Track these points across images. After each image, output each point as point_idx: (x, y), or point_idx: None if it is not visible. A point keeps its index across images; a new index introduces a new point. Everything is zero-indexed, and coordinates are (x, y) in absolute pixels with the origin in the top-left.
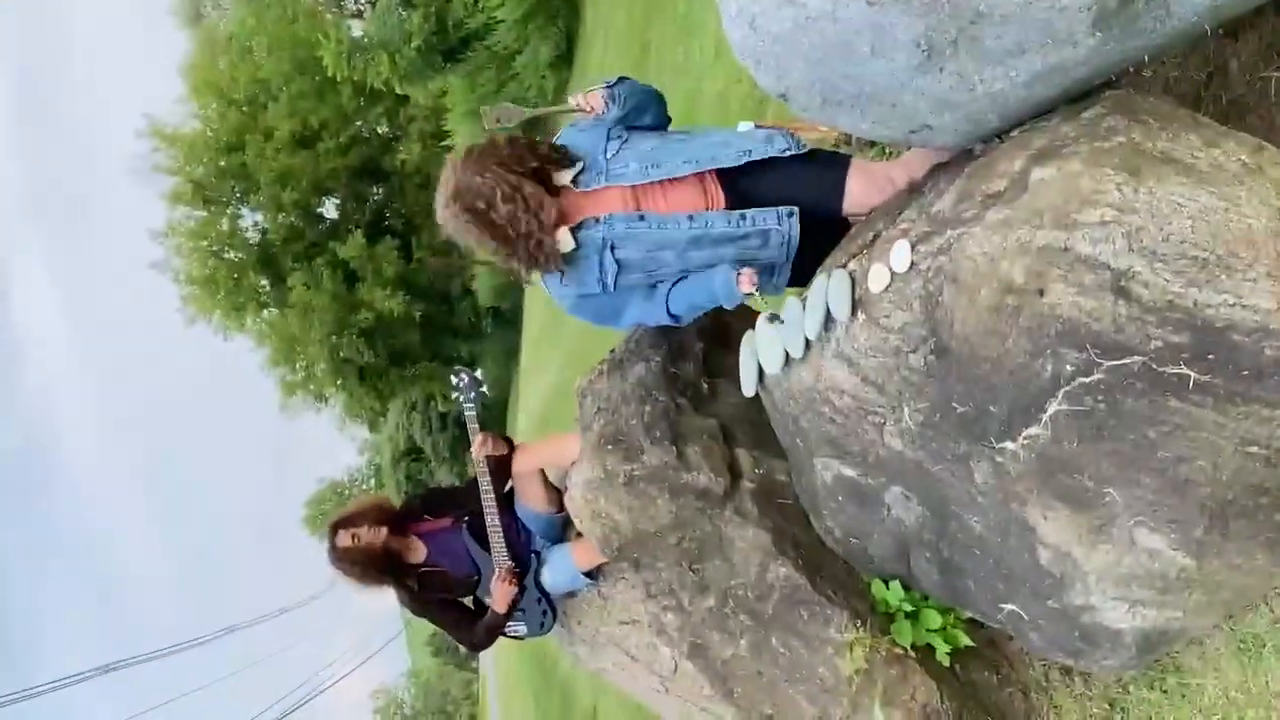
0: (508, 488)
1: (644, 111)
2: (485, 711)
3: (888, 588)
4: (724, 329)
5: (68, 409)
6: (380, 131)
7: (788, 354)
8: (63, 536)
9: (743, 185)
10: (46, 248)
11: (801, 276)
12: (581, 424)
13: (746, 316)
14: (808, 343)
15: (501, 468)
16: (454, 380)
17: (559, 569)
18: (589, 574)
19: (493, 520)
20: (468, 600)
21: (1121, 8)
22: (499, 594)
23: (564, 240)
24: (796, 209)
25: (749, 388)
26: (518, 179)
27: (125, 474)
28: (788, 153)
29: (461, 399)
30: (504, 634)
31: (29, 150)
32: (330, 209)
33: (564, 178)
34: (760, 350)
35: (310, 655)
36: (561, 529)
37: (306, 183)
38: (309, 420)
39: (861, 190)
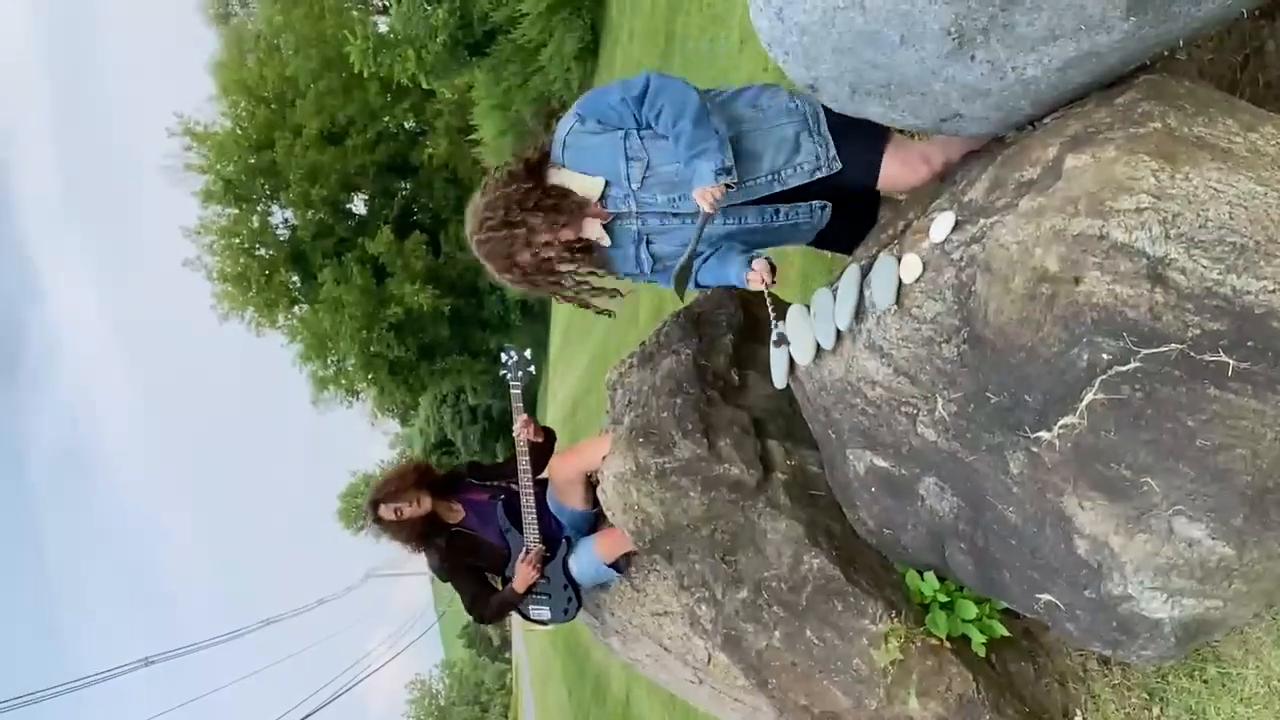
0: (542, 474)
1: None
2: (519, 702)
3: (922, 578)
4: (754, 321)
5: (107, 406)
6: (407, 126)
7: (819, 345)
8: (105, 532)
9: None
10: (82, 247)
11: (828, 243)
12: (612, 417)
13: (777, 308)
14: (839, 334)
15: (540, 453)
16: (503, 358)
17: (583, 560)
18: (615, 566)
19: (528, 500)
20: (496, 581)
21: None
22: (521, 574)
23: (600, 237)
24: (830, 203)
25: (780, 379)
26: (523, 227)
27: (164, 468)
28: (817, 174)
29: (509, 376)
30: (527, 618)
31: (64, 151)
32: (359, 205)
33: (591, 191)
34: (791, 341)
35: (346, 647)
36: (594, 523)
37: (335, 179)
38: (342, 414)
39: (896, 170)
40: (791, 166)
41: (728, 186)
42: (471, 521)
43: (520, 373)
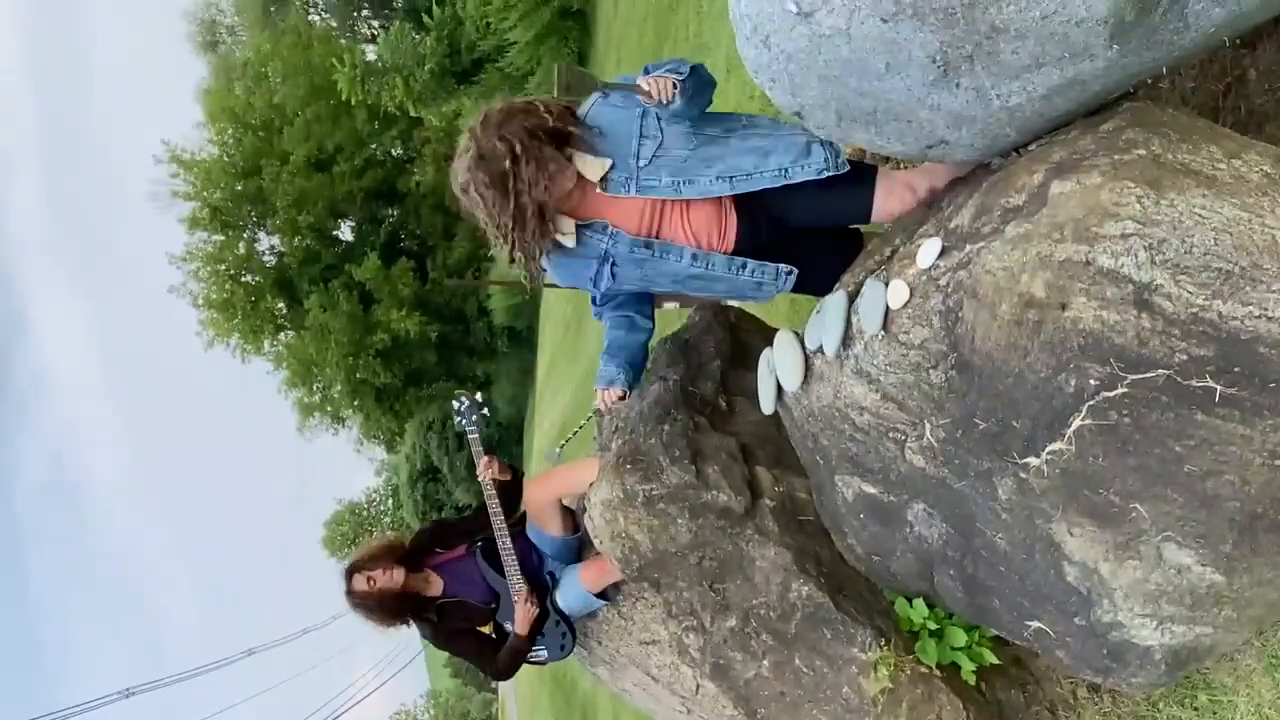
0: (519, 514)
1: (697, 102)
2: None
3: (912, 606)
4: (742, 347)
5: (92, 436)
6: (395, 154)
7: (806, 371)
8: (89, 562)
9: (767, 203)
10: (69, 277)
11: (811, 284)
12: (600, 443)
13: (765, 335)
14: (826, 359)
15: (508, 492)
16: (455, 405)
17: (569, 593)
18: (602, 594)
19: (505, 543)
20: (488, 629)
21: (1139, 20)
22: (520, 616)
23: (567, 233)
24: (796, 270)
25: (768, 405)
26: (540, 147)
27: (148, 497)
28: (825, 174)
29: (464, 422)
30: (527, 660)
31: (51, 181)
32: (346, 231)
33: (593, 172)
34: (779, 367)
35: (330, 677)
36: (578, 550)
37: (322, 206)
38: (327, 441)
39: (882, 200)
40: (800, 165)
41: (674, 87)
42: (453, 588)
43: (474, 416)
